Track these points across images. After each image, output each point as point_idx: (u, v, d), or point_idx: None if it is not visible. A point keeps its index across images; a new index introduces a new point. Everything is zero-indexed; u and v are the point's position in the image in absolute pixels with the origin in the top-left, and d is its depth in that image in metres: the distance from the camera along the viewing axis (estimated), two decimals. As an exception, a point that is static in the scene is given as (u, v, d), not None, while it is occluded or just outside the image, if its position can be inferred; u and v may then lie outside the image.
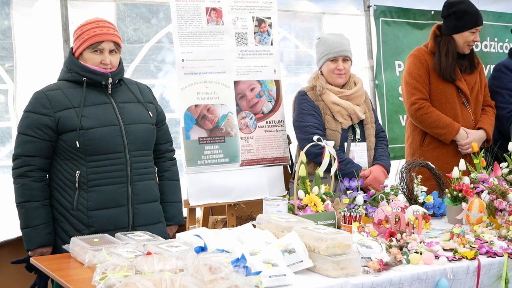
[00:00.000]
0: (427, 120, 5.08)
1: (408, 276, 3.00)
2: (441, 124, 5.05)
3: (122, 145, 3.72)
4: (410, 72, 5.16)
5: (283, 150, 5.11)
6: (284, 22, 6.21)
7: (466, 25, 5.11)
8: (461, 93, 5.18)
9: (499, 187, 3.92)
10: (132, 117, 3.80)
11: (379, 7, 6.29)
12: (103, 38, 3.73)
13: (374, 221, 3.67)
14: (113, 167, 3.70)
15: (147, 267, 2.62)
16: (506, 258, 3.29)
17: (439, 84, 5.13)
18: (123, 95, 3.85)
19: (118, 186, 3.72)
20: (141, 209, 3.80)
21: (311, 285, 2.78)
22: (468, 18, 5.12)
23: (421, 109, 5.08)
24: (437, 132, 5.08)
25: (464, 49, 5.16)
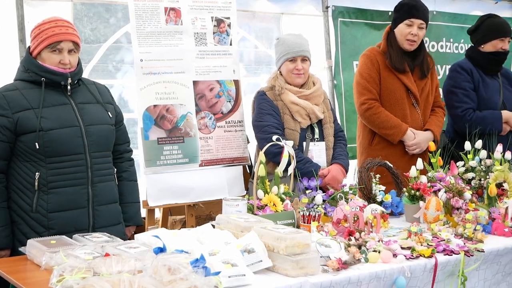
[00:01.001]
0: (376, 121, 5.11)
1: (366, 274, 3.02)
2: (389, 124, 5.09)
3: (82, 146, 3.69)
4: (361, 72, 5.19)
5: (242, 150, 5.11)
6: (243, 22, 6.21)
7: (400, 17, 5.15)
8: (411, 94, 5.22)
9: (455, 186, 3.97)
10: (92, 118, 3.77)
11: (337, 8, 6.33)
12: (62, 38, 3.69)
13: (333, 220, 3.69)
14: (74, 168, 3.67)
15: (105, 269, 2.59)
16: (462, 256, 3.33)
17: (389, 84, 5.16)
18: (82, 95, 3.81)
19: (78, 188, 3.68)
20: (102, 211, 3.77)
21: (270, 284, 2.79)
22: (404, 10, 5.16)
23: (370, 109, 5.11)
24: (385, 132, 5.12)
25: (403, 44, 5.15)
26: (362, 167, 4.35)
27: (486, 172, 4.22)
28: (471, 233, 3.59)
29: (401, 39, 5.15)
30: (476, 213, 3.77)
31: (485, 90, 5.54)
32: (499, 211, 3.82)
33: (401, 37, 5.14)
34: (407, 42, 5.13)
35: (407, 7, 5.14)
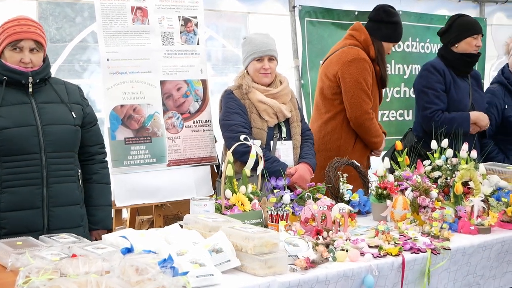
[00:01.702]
0: (372, 129, 5.33)
1: (334, 273, 3.03)
2: (378, 133, 5.39)
3: (38, 146, 3.65)
4: (366, 80, 5.28)
5: (210, 150, 5.10)
6: (211, 22, 6.20)
7: (397, 37, 5.49)
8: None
9: (422, 185, 4.00)
10: (52, 118, 3.72)
11: (304, 8, 6.34)
12: (22, 36, 3.66)
13: (301, 220, 3.69)
14: (28, 168, 3.63)
15: (72, 270, 2.57)
16: (429, 254, 3.36)
17: (374, 94, 5.40)
18: (45, 95, 3.77)
19: (33, 188, 3.65)
20: (58, 212, 3.72)
21: (238, 284, 2.79)
22: (399, 31, 5.47)
23: (371, 120, 5.31)
24: (374, 140, 5.37)
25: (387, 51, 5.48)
26: (329, 166, 4.37)
27: (452, 170, 4.27)
28: (437, 231, 3.62)
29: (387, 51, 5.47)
30: (443, 211, 3.81)
31: (456, 91, 5.60)
32: (465, 209, 3.86)
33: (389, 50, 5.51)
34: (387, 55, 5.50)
35: (401, 29, 5.50)
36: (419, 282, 3.37)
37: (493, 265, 3.76)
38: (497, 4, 7.84)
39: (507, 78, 5.99)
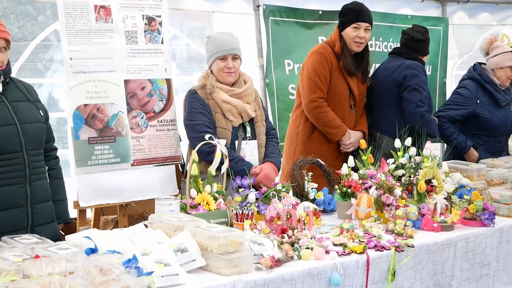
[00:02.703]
0: (323, 119, 5.31)
1: (300, 271, 3.04)
2: (334, 124, 5.33)
3: (19, 145, 3.64)
4: (316, 69, 5.32)
5: (175, 149, 5.07)
6: (175, 21, 6.17)
7: (348, 21, 5.37)
8: (352, 97, 5.47)
9: (386, 183, 4.04)
10: (26, 116, 3.72)
11: (268, 7, 6.34)
12: None
13: (266, 218, 3.70)
14: (12, 167, 3.62)
15: (35, 271, 2.54)
16: (393, 251, 3.39)
17: (337, 86, 5.37)
18: (13, 93, 3.76)
19: (17, 187, 3.64)
20: (39, 209, 3.74)
21: (203, 283, 2.78)
22: (351, 14, 5.38)
23: (319, 108, 5.29)
24: (328, 131, 5.34)
25: (351, 46, 5.38)
26: (294, 164, 4.38)
27: (416, 169, 4.30)
28: (401, 229, 3.65)
29: (349, 42, 5.36)
30: (406, 209, 3.84)
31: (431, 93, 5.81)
32: (428, 207, 3.90)
33: (349, 40, 5.35)
34: (355, 44, 5.35)
35: (355, 12, 5.38)
36: (385, 280, 3.39)
37: (464, 266, 3.80)
38: (459, 4, 7.92)
39: (480, 75, 6.09)
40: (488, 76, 6.05)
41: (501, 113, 6.04)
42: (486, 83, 6.01)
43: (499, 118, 6.02)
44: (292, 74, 6.50)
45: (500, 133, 6.11)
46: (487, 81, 6.03)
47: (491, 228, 3.92)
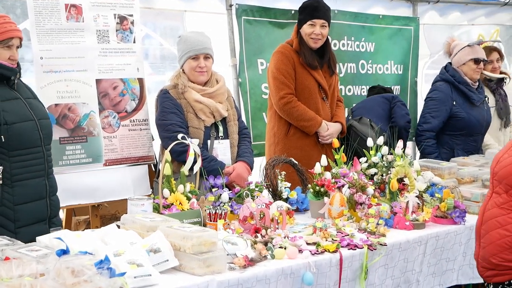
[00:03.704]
0: (295, 114, 5.31)
1: (273, 271, 3.04)
2: (307, 117, 5.32)
3: (39, 140, 3.82)
4: (279, 68, 5.35)
5: (147, 149, 5.06)
6: (147, 20, 6.13)
7: (304, 18, 5.41)
8: (321, 90, 5.47)
9: (358, 182, 4.05)
10: (40, 113, 3.90)
11: (241, 6, 6.33)
12: (14, 34, 3.80)
13: (240, 218, 3.70)
14: (34, 161, 3.79)
15: (5, 273, 2.51)
16: (366, 250, 3.41)
17: (304, 80, 5.37)
18: (23, 91, 3.92)
19: (38, 180, 3.83)
20: (54, 201, 3.96)
21: (176, 284, 2.78)
22: (306, 12, 5.43)
23: (289, 103, 5.30)
24: (303, 124, 5.33)
25: (308, 42, 5.40)
26: (268, 164, 4.39)
27: (388, 167, 4.32)
28: (374, 227, 3.67)
29: (306, 38, 5.39)
30: (379, 207, 3.86)
31: None
32: (401, 205, 3.92)
33: (306, 36, 5.38)
34: (311, 40, 5.38)
35: (309, 9, 5.42)
36: (358, 278, 3.41)
37: (431, 262, 3.83)
38: (429, 4, 7.97)
39: (452, 76, 6.14)
40: (461, 76, 6.10)
41: (477, 112, 6.11)
42: (460, 84, 6.07)
43: (475, 118, 6.09)
44: (265, 74, 6.47)
45: (477, 132, 6.18)
46: (460, 81, 6.08)
47: (461, 226, 3.95)
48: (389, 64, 7.42)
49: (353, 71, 7.17)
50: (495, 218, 3.01)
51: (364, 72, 7.21)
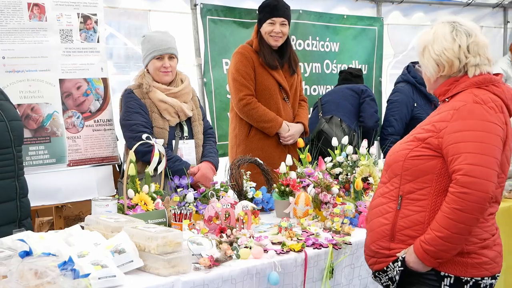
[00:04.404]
0: (254, 115, 5.30)
1: (238, 271, 3.04)
2: (267, 118, 5.30)
3: (9, 141, 3.75)
4: (238, 69, 5.33)
5: (112, 150, 5.02)
6: (112, 19, 6.10)
7: (264, 17, 5.40)
8: (282, 90, 5.46)
9: (323, 181, 4.07)
10: (11, 114, 3.84)
11: (205, 6, 6.33)
12: None
13: (205, 218, 3.69)
14: (3, 162, 3.72)
15: (-33, 275, 2.48)
16: (330, 249, 3.42)
17: (264, 81, 5.35)
18: None
19: (8, 181, 3.75)
20: (24, 203, 3.88)
21: (141, 284, 2.76)
22: (266, 11, 5.42)
23: (248, 105, 5.28)
24: (263, 125, 5.32)
25: (269, 41, 5.38)
26: (233, 164, 4.38)
27: (353, 167, 4.35)
28: (339, 227, 3.68)
29: (267, 37, 5.38)
30: (344, 207, 3.88)
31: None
32: (365, 205, 3.94)
33: (266, 35, 5.37)
34: (271, 38, 5.37)
35: (269, 7, 5.41)
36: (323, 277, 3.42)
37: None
38: (393, 4, 8.04)
39: (414, 77, 6.20)
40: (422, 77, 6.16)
41: None
42: (421, 85, 6.11)
43: None
44: (230, 74, 6.51)
45: None
46: (421, 83, 6.13)
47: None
48: (354, 64, 7.47)
49: (318, 71, 7.21)
50: (377, 207, 3.07)
51: (329, 72, 7.25)
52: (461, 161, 2.79)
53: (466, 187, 2.75)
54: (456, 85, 3.00)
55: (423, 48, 3.10)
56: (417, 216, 2.94)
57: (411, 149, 2.99)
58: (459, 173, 2.78)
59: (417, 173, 2.95)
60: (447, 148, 2.85)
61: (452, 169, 2.82)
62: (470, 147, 2.80)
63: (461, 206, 2.76)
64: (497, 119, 2.87)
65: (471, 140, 2.81)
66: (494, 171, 2.80)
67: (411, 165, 2.96)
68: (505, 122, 2.91)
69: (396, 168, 3.03)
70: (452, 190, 2.80)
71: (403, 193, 2.99)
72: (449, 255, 2.87)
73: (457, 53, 2.98)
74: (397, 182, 3.02)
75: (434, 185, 2.92)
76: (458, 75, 3.02)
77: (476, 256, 2.92)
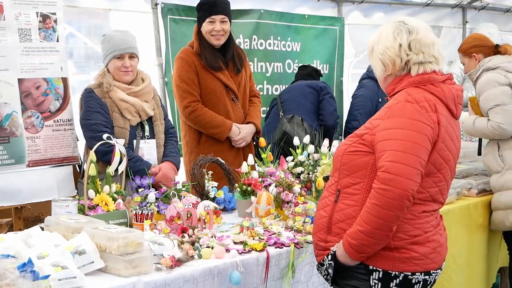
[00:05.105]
0: (201, 122, 5.20)
1: (200, 271, 3.04)
2: (215, 124, 5.20)
3: None
4: (180, 75, 5.24)
5: (72, 150, 4.97)
6: (72, 19, 6.05)
7: (203, 16, 5.26)
8: (230, 91, 5.33)
9: (285, 180, 4.08)
10: None
11: (166, 5, 6.30)
12: None
13: (166, 218, 3.68)
14: None
15: None
16: (292, 248, 3.43)
17: (208, 84, 5.24)
18: None
19: None
20: None
21: (102, 285, 2.75)
22: (204, 9, 5.28)
23: (194, 112, 5.19)
24: (212, 131, 5.22)
25: (210, 40, 5.24)
26: (194, 163, 4.38)
27: (314, 166, 4.37)
28: (300, 226, 3.70)
29: (208, 36, 5.24)
30: (305, 206, 3.89)
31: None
32: (327, 203, 3.95)
33: (207, 34, 5.24)
34: (213, 37, 5.23)
35: (207, 5, 5.26)
36: (285, 276, 3.43)
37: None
38: (354, 4, 8.10)
39: None
40: None
41: None
42: None
43: None
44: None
45: None
46: None
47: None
48: (315, 63, 7.50)
49: (280, 71, 7.23)
50: (321, 200, 3.14)
51: (290, 72, 7.26)
52: (384, 158, 2.84)
53: (385, 183, 2.80)
54: (399, 84, 3.05)
55: (371, 49, 3.17)
56: (350, 210, 2.99)
57: (350, 145, 3.06)
58: (381, 170, 2.84)
59: (353, 168, 3.01)
60: (377, 145, 2.92)
61: (378, 165, 2.87)
62: (395, 145, 2.85)
63: (380, 202, 2.82)
64: (427, 118, 2.92)
65: (396, 138, 2.87)
66: (416, 170, 2.84)
67: (348, 160, 3.03)
68: (438, 121, 2.95)
69: (336, 163, 3.10)
70: (374, 186, 2.86)
71: (341, 187, 3.05)
72: (371, 250, 2.92)
73: (398, 51, 3.04)
74: (336, 176, 3.09)
75: (367, 181, 2.97)
76: (402, 73, 3.07)
77: (405, 251, 2.96)
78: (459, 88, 3.13)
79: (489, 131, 4.86)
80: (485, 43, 5.20)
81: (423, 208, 2.99)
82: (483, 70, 5.00)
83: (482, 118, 4.94)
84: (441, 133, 2.95)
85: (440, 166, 2.99)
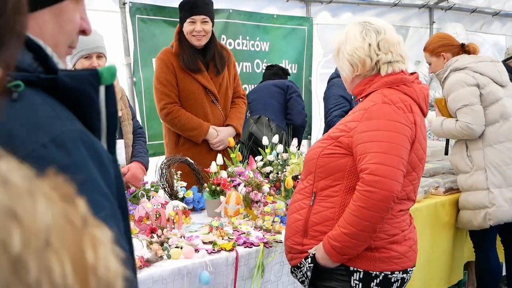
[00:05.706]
0: (178, 124, 5.12)
1: (169, 271, 3.03)
2: (191, 126, 5.11)
3: None
4: (158, 77, 5.19)
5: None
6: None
7: (184, 16, 5.18)
8: (209, 92, 5.23)
9: (254, 180, 4.08)
10: None
11: (134, 4, 6.27)
12: None
13: (135, 219, 3.66)
14: None
15: None
16: (261, 247, 3.44)
17: (187, 85, 5.17)
18: None
19: None
20: None
21: None
22: (185, 9, 5.20)
23: (170, 114, 5.12)
24: (188, 134, 5.14)
25: (191, 41, 5.14)
26: (163, 163, 4.36)
27: (283, 165, 4.37)
28: (269, 225, 3.70)
29: (189, 37, 5.15)
30: (274, 205, 3.89)
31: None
32: (296, 203, 3.96)
33: (188, 35, 5.15)
34: (194, 38, 5.14)
35: (188, 5, 5.19)
36: (254, 276, 3.43)
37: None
38: (322, 4, 8.13)
39: None
40: None
41: None
42: None
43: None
44: (160, 73, 6.47)
45: None
46: None
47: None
48: (284, 63, 7.52)
49: (249, 70, 7.23)
50: (294, 203, 3.14)
51: (259, 71, 7.27)
52: (367, 160, 2.85)
53: (371, 185, 2.81)
54: (370, 85, 3.06)
55: (337, 49, 3.15)
56: (327, 212, 2.99)
57: (324, 147, 3.04)
58: (365, 172, 2.84)
59: (329, 171, 3.01)
60: (356, 147, 2.91)
61: (360, 168, 2.87)
62: (377, 147, 2.85)
63: (366, 204, 2.82)
64: (405, 119, 2.94)
65: (378, 140, 2.87)
66: (400, 171, 2.86)
67: (324, 163, 3.02)
68: (414, 122, 2.98)
69: (311, 166, 3.08)
70: (358, 188, 2.86)
71: (316, 190, 3.05)
72: (355, 252, 2.93)
73: (368, 51, 3.04)
74: (311, 179, 3.07)
75: (345, 183, 2.97)
76: (372, 73, 3.08)
77: (385, 251, 2.98)
78: (427, 87, 3.16)
79: (458, 132, 4.89)
80: (452, 42, 5.23)
81: (400, 207, 3.01)
82: (451, 70, 5.03)
83: (450, 119, 4.98)
84: (417, 133, 2.98)
85: (415, 165, 3.01)
